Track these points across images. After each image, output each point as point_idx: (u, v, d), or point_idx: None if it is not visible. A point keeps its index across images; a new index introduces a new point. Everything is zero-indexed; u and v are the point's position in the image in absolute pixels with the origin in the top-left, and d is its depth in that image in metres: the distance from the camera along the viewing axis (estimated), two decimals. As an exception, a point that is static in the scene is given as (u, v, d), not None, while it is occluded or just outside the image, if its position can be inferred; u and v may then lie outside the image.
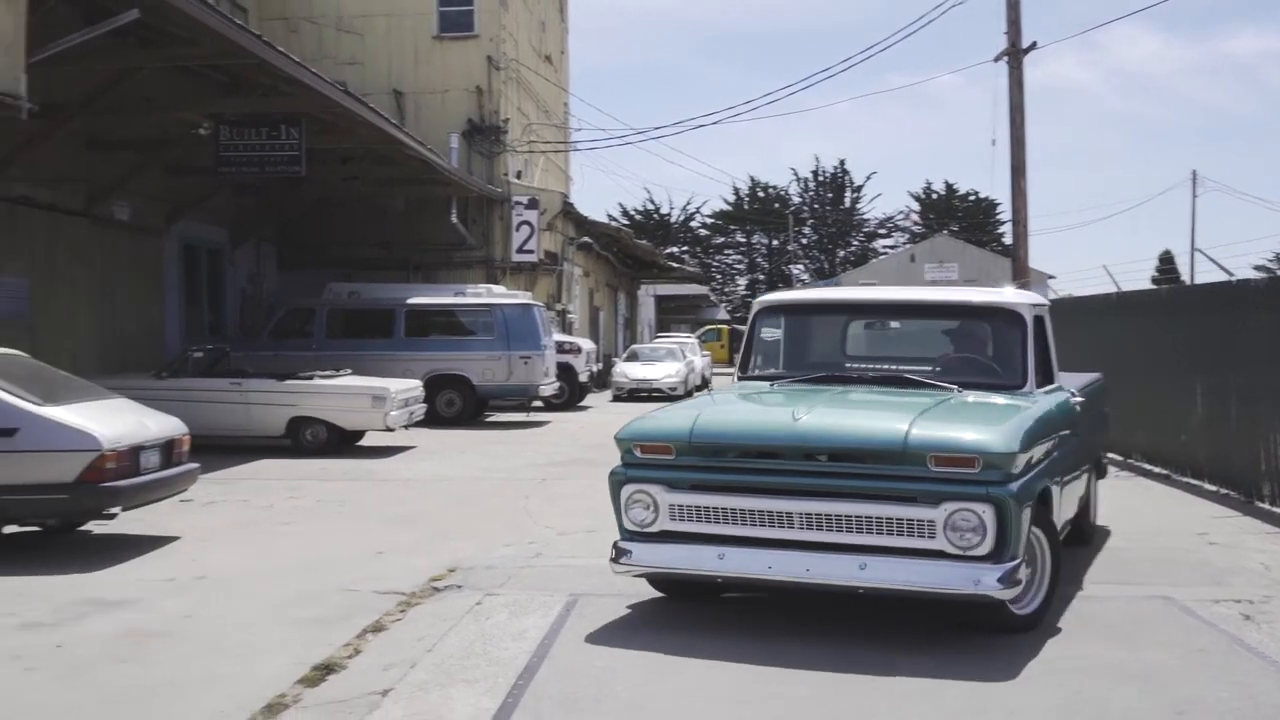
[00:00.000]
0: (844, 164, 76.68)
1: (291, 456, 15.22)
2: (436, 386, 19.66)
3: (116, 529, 9.55)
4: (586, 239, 32.10)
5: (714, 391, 9.31)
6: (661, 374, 28.60)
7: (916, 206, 74.03)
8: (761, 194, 74.88)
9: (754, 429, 6.64)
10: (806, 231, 75.23)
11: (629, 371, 29.13)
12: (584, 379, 25.31)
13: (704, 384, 31.94)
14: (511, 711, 5.29)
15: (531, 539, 9.53)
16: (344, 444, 15.93)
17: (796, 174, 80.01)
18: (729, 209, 74.62)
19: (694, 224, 75.52)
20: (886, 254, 68.97)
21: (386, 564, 8.59)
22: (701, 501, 6.43)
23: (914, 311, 8.63)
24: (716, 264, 76.24)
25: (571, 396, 24.43)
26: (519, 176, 28.19)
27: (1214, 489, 11.95)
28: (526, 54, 29.41)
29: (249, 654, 6.29)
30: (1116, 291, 15.25)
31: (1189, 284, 16.78)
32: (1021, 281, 22.92)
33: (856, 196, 75.19)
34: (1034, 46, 22.58)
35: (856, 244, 75.71)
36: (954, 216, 72.85)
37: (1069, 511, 7.74)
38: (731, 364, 8.11)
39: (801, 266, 74.43)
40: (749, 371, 8.04)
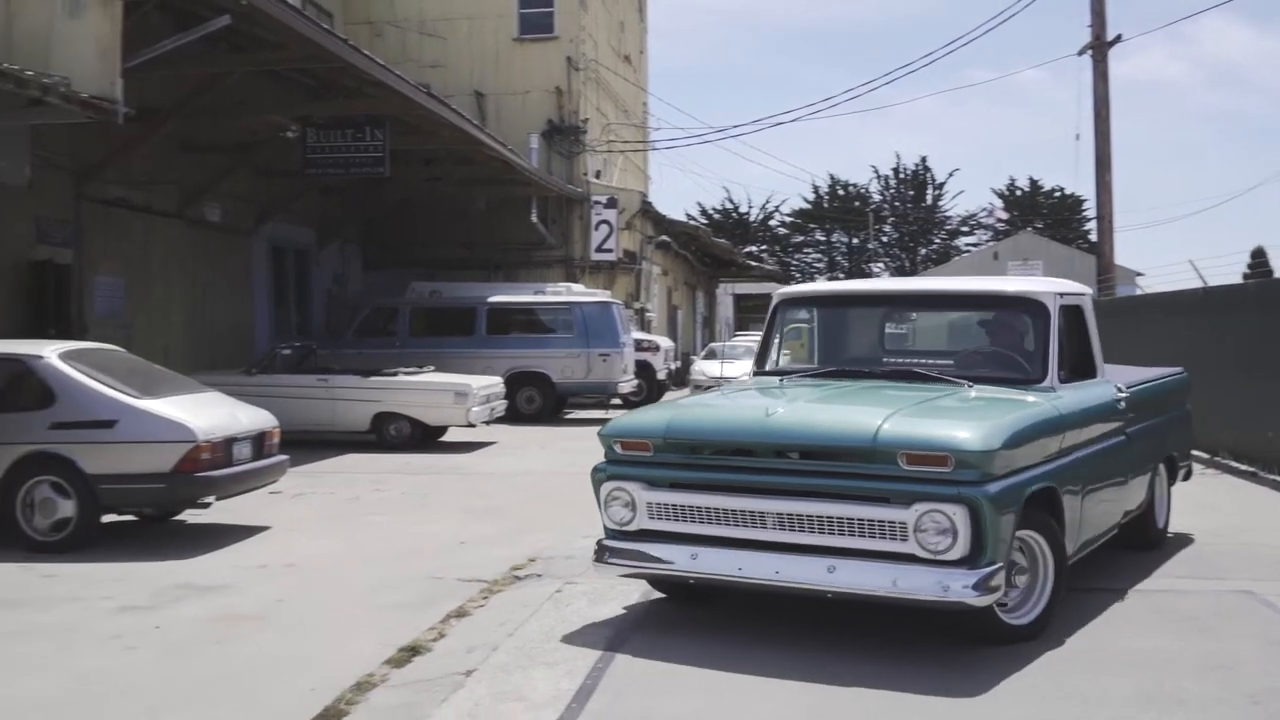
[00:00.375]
0: (925, 161, 75.76)
1: (376, 451, 15.56)
2: (517, 384, 19.88)
3: (210, 518, 9.87)
4: (665, 238, 32.22)
5: (725, 387, 9.06)
6: (740, 372, 28.60)
7: (1001, 203, 73.00)
8: (841, 192, 74.22)
9: (726, 426, 6.42)
10: (887, 229, 74.44)
11: (707, 369, 29.11)
12: (662, 376, 25.42)
13: None
14: (591, 692, 5.43)
15: (610, 531, 9.65)
16: (427, 439, 16.19)
17: (877, 171, 79.20)
18: (808, 207, 74.07)
19: (773, 223, 75.16)
20: (969, 252, 68.17)
21: (469, 553, 8.79)
22: (678, 500, 6.26)
23: (931, 302, 8.37)
24: (796, 263, 75.72)
25: (650, 394, 24.51)
26: (598, 176, 28.39)
27: (1302, 486, 11.74)
28: (605, 54, 29.61)
29: (338, 636, 6.51)
30: (1202, 286, 14.98)
31: (1277, 278, 16.39)
32: (1107, 277, 22.66)
33: (938, 194, 74.19)
34: (1119, 39, 22.29)
35: (939, 242, 74.82)
36: (1038, 213, 71.72)
37: (1106, 515, 7.23)
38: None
39: (882, 265, 73.79)
40: (764, 366, 7.82)
